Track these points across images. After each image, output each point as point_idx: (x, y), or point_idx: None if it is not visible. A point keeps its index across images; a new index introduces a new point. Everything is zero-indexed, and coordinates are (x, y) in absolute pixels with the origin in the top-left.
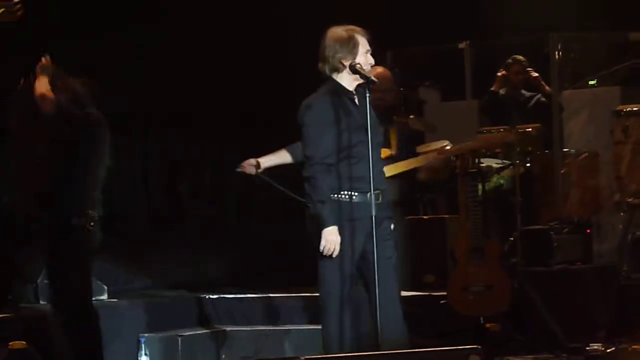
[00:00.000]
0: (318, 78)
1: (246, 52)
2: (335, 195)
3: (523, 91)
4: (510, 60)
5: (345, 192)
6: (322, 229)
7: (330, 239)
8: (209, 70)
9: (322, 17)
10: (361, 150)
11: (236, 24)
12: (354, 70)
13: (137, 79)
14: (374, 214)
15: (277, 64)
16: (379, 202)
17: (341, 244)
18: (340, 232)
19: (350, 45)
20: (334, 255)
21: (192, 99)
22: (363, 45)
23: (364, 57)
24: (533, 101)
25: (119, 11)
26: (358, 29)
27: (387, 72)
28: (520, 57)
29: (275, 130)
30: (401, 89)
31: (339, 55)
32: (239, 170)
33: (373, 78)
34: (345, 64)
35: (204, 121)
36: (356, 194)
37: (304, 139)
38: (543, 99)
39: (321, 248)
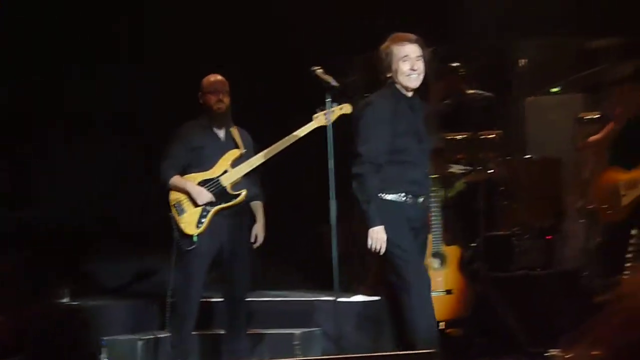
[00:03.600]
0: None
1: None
2: (389, 196)
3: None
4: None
5: (401, 194)
6: (369, 227)
7: (377, 237)
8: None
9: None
10: (415, 154)
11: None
12: (313, 76)
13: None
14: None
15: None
16: (429, 205)
17: (404, 239)
18: (397, 229)
19: (383, 57)
20: (380, 253)
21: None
22: (399, 52)
23: (401, 65)
24: (480, 103)
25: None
26: (400, 36)
27: (223, 78)
28: (456, 65)
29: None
30: (365, 95)
31: (379, 68)
32: None
33: (333, 83)
34: (387, 75)
35: None
36: (410, 196)
37: (357, 135)
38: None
39: (368, 245)
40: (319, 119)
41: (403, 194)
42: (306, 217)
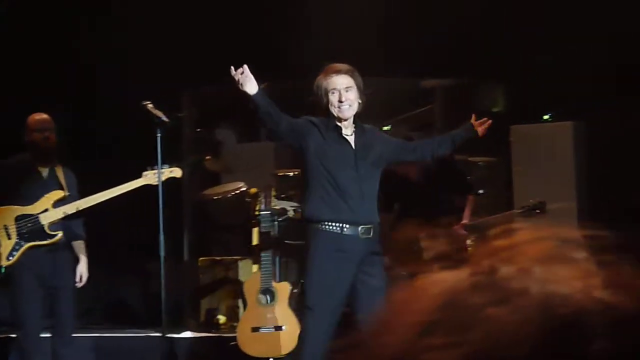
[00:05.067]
0: None
1: None
2: (324, 226)
3: None
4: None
5: (335, 224)
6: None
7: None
8: None
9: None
10: (348, 182)
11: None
12: (144, 111)
13: None
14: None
15: None
16: (369, 236)
17: (330, 274)
18: (330, 262)
19: (316, 90)
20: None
21: None
22: (328, 85)
23: (330, 97)
24: None
25: None
26: (330, 68)
27: (48, 116)
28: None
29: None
30: (197, 129)
31: (317, 100)
32: None
33: (164, 118)
34: (323, 107)
35: None
36: (347, 226)
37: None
38: None
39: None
40: (149, 177)
41: (339, 225)
42: (134, 251)
